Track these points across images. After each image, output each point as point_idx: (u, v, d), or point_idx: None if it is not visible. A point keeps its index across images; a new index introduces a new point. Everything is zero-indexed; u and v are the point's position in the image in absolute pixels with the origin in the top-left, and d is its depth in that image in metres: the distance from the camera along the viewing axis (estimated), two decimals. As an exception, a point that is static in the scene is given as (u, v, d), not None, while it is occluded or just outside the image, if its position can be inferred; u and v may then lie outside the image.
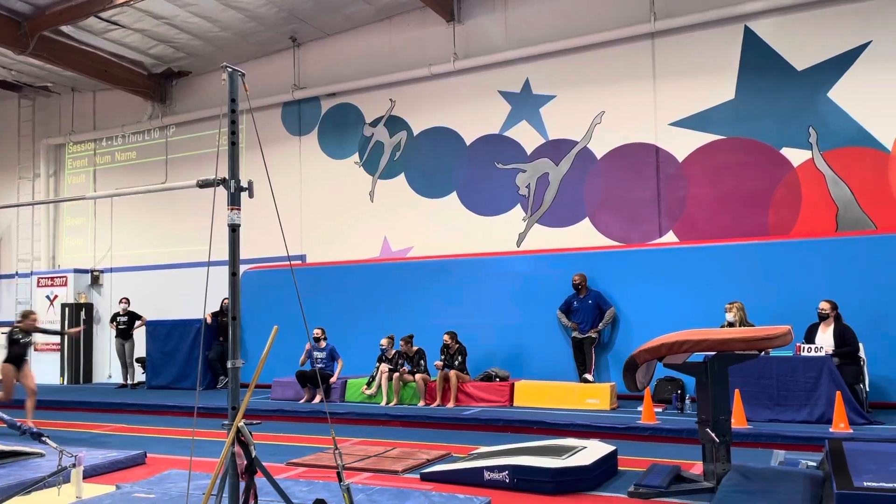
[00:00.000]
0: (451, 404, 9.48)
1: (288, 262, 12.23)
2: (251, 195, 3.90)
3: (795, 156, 9.57)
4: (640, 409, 8.10)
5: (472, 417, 8.57)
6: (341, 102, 13.04)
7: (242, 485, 3.42)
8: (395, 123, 12.56)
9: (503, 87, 11.62)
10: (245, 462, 3.39)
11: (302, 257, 13.07)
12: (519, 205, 11.45)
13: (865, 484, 4.33)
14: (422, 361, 9.99)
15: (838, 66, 9.37)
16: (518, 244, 11.37)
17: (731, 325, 8.43)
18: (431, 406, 9.51)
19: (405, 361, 10.11)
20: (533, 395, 9.33)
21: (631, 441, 7.28)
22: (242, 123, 13.27)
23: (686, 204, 10.27)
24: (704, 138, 10.15)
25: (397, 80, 12.39)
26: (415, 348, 10.09)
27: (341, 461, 3.53)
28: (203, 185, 3.85)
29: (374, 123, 12.74)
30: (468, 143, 11.90)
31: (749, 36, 9.90)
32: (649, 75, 10.51)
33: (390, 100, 12.56)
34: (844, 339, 7.86)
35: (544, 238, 11.14)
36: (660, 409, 8.47)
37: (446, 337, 9.98)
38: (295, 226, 13.21)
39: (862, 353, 7.93)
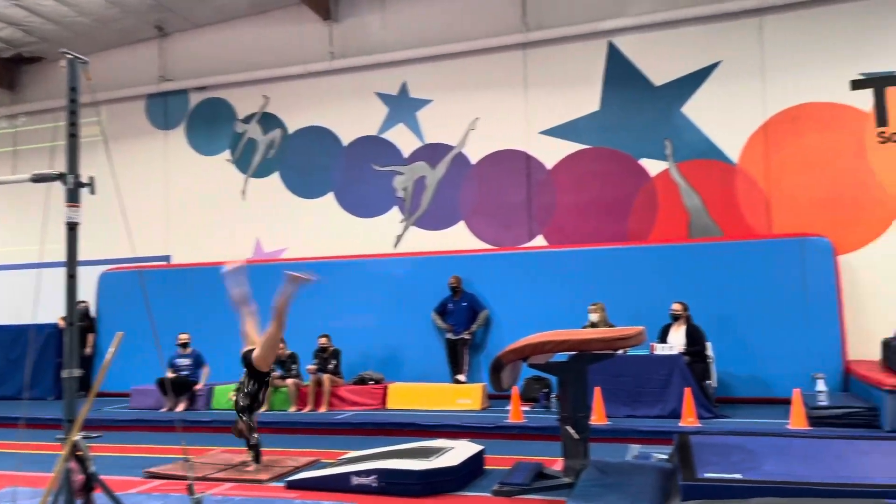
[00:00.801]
0: (323, 409, 9.35)
1: (143, 264, 11.63)
2: (93, 192, 3.65)
3: (653, 166, 10.18)
4: (509, 408, 8.32)
5: (344, 422, 8.50)
6: (212, 97, 12.56)
7: (80, 503, 3.21)
8: (269, 121, 12.24)
9: (381, 88, 11.61)
10: (82, 478, 3.18)
11: (167, 258, 12.46)
12: (396, 207, 11.47)
13: (707, 475, 4.65)
14: (294, 366, 9.79)
15: (691, 83, 10.07)
16: (395, 246, 11.39)
17: (594, 325, 8.83)
18: (303, 411, 9.34)
19: (276, 366, 9.85)
20: (406, 397, 9.37)
21: (499, 440, 7.46)
22: (101, 115, 12.63)
23: (554, 209, 10.67)
24: (572, 147, 10.59)
25: (271, 77, 12.09)
26: (287, 352, 9.87)
27: (192, 473, 3.39)
28: (37, 179, 3.57)
29: (247, 120, 12.36)
30: (345, 143, 11.80)
31: (612, 51, 10.44)
32: (521, 84, 10.84)
33: (264, 96, 12.24)
34: (694, 338, 8.44)
35: (421, 240, 11.22)
36: (528, 408, 8.73)
37: (322, 340, 9.84)
38: (160, 224, 12.58)
39: (710, 352, 8.54)
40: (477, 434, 7.56)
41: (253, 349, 6.39)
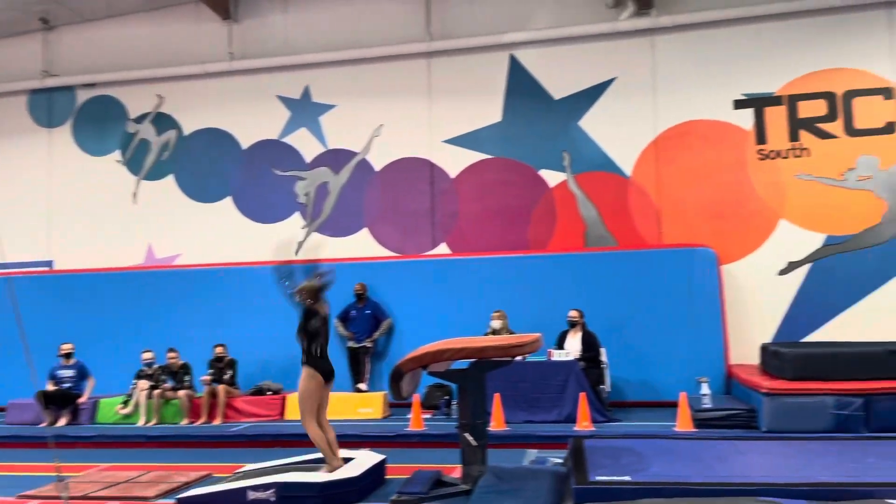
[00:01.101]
0: (217, 421, 9.03)
1: (21, 270, 10.92)
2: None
3: (552, 177, 10.46)
4: (410, 416, 8.31)
5: (240, 434, 8.23)
6: (101, 94, 11.94)
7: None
8: (163, 121, 11.76)
9: (283, 92, 11.39)
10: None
11: (49, 263, 11.73)
12: (298, 213, 11.26)
13: (598, 478, 4.80)
14: (187, 377, 9.41)
15: (588, 98, 10.42)
16: (296, 253, 11.16)
17: (496, 332, 8.96)
18: (196, 424, 8.99)
19: (168, 377, 9.45)
20: (305, 407, 9.17)
21: (401, 448, 7.42)
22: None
23: (457, 218, 10.77)
24: (474, 156, 10.74)
25: (166, 76, 11.63)
26: (180, 362, 9.48)
27: (67, 493, 3.19)
28: None
29: (140, 120, 11.83)
30: (245, 146, 11.49)
31: (514, 64, 10.67)
32: (426, 93, 10.90)
33: (158, 96, 11.75)
34: (589, 344, 8.71)
35: (323, 247, 11.05)
36: (429, 416, 8.75)
37: (218, 349, 9.51)
38: (41, 228, 11.83)
39: (604, 358, 8.84)
40: (378, 443, 7.49)
41: None
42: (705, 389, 7.74)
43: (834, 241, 9.59)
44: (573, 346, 8.76)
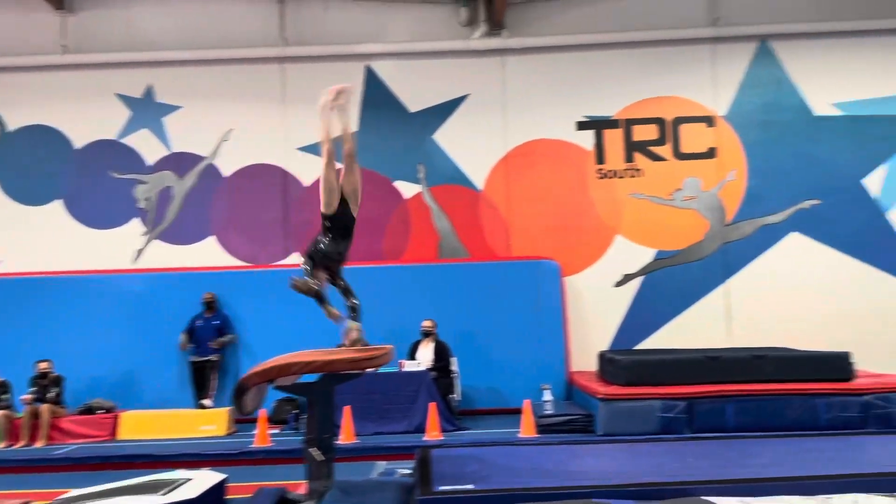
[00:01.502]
0: (40, 443, 8.26)
1: None
2: None
3: (407, 189, 10.56)
4: (256, 432, 8.03)
5: (66, 457, 7.58)
6: None
7: None
8: (-18, 115, 10.67)
9: (122, 90, 10.68)
10: None
11: None
12: (137, 218, 10.59)
13: (442, 488, 4.86)
14: (4, 395, 8.56)
15: (442, 112, 10.62)
16: (135, 261, 10.49)
17: (353, 343, 8.85)
18: (16, 447, 8.18)
19: (-17, 396, 8.54)
20: (141, 426, 8.63)
21: (245, 466, 7.15)
22: None
23: (311, 227, 10.54)
24: (329, 165, 10.61)
25: (-12, 66, 10.58)
26: (-3, 380, 8.61)
27: None
28: None
29: (-46, 112, 10.66)
30: (78, 146, 10.67)
31: (370, 75, 10.67)
32: (279, 99, 10.64)
33: (-23, 87, 10.66)
34: (441, 354, 8.85)
35: (165, 255, 10.47)
36: (277, 430, 8.50)
37: (42, 365, 8.73)
38: None
39: (455, 367, 9.00)
40: (220, 462, 7.16)
41: None
42: (548, 396, 8.08)
43: (663, 255, 10.37)
44: (425, 357, 8.86)
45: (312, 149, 10.61)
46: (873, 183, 10.27)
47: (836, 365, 7.74)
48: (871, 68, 10.37)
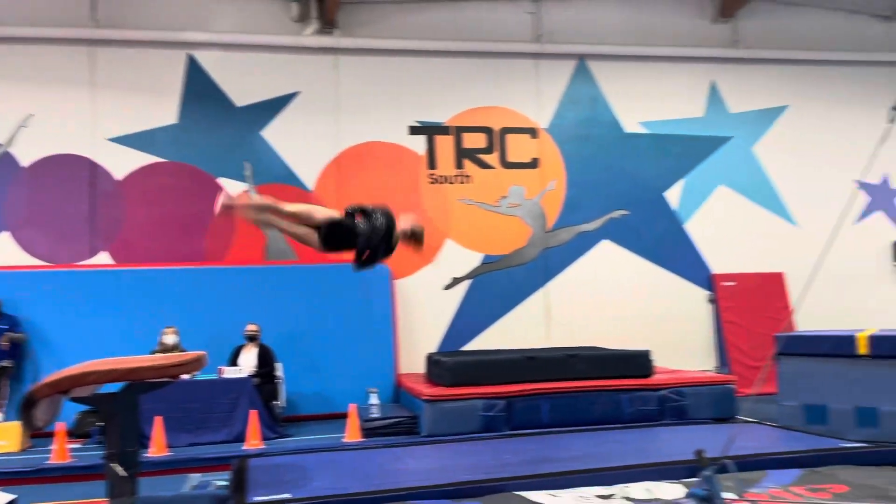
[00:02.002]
0: None
1: None
2: None
3: (232, 187, 10.10)
4: (54, 447, 7.30)
5: None
6: None
7: None
8: None
9: None
10: None
11: None
12: (-89, 210, 9.30)
13: (257, 499, 4.69)
14: None
15: (272, 108, 10.30)
16: None
17: (167, 349, 8.32)
18: None
19: None
20: (-90, 446, 7.55)
21: (40, 485, 6.47)
22: None
23: (123, 224, 9.83)
24: (146, 159, 9.92)
25: None
26: None
27: None
28: None
29: None
30: None
31: (193, 64, 10.12)
32: (88, 84, 9.79)
33: None
34: (265, 359, 8.55)
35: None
36: (80, 445, 7.78)
37: None
38: None
39: (279, 372, 8.74)
40: (12, 481, 6.44)
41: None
42: (374, 399, 8.08)
43: (490, 259, 10.74)
44: (248, 362, 8.52)
45: (125, 140, 9.91)
46: (673, 196, 11.29)
47: (638, 362, 8.40)
48: (673, 92, 11.41)
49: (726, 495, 3.13)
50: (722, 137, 11.48)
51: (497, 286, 10.70)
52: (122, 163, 9.83)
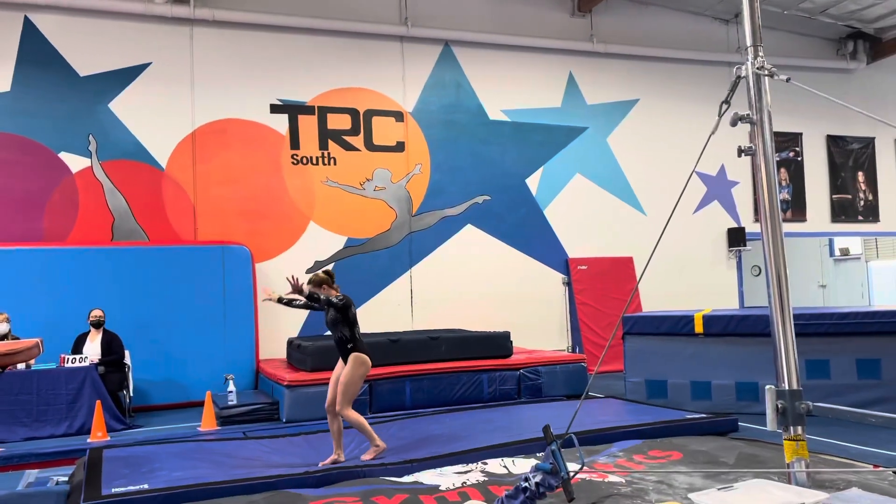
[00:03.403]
0: None
1: None
2: None
3: (74, 162, 9.36)
4: None
5: None
6: None
7: None
8: None
9: None
10: None
11: None
12: None
13: (114, 490, 4.45)
14: None
15: (120, 79, 9.60)
16: None
17: (2, 337, 7.60)
18: None
19: None
20: None
21: None
22: None
23: (-57, 203, 8.85)
24: (-28, 128, 8.98)
25: None
26: None
27: None
28: None
29: None
30: None
31: (29, 27, 9.24)
32: None
33: None
34: (111, 347, 8.02)
35: None
36: None
37: None
38: None
39: (128, 360, 8.24)
40: None
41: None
42: (231, 386, 7.81)
43: (353, 242, 10.65)
44: (93, 350, 7.96)
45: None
46: (533, 183, 11.70)
47: (498, 343, 8.68)
48: (534, 82, 11.80)
49: (571, 466, 3.31)
50: (579, 127, 12.02)
51: (361, 270, 10.63)
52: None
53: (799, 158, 13.60)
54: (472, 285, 11.05)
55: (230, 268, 9.62)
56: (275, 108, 10.36)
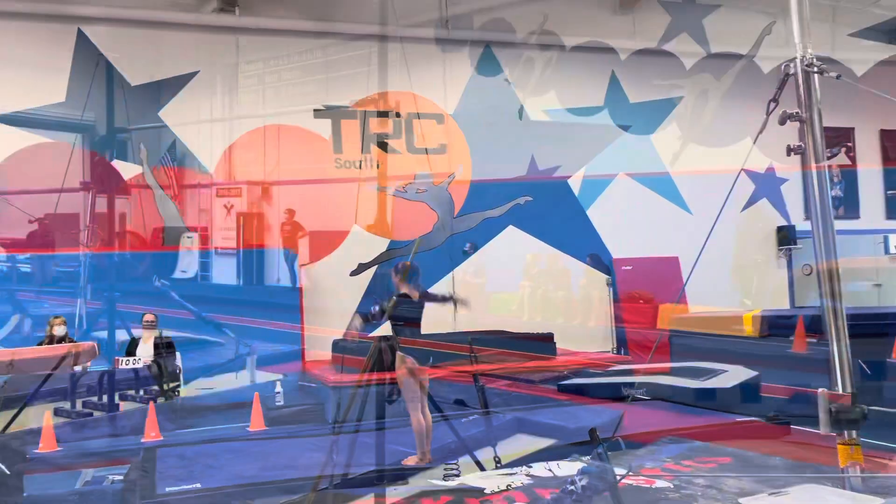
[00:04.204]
0: None
1: None
2: None
3: (127, 169, 9.66)
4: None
5: None
6: None
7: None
8: None
9: None
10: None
11: None
12: None
13: (168, 489, 4.57)
14: None
15: (170, 88, 9.94)
16: None
17: (58, 339, 7.85)
18: None
19: None
20: None
21: None
22: None
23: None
24: (31, 139, 9.30)
25: None
26: None
27: None
28: None
29: None
30: None
31: (83, 39, 9.52)
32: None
33: None
34: (163, 349, 8.21)
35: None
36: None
37: None
38: None
39: (179, 362, 8.42)
40: None
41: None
42: (279, 388, 7.93)
43: (396, 245, 10.71)
44: (146, 352, 8.16)
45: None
46: (575, 183, 11.60)
47: (542, 345, 8.64)
48: (576, 80, 11.69)
49: (618, 470, 3.28)
50: (622, 126, 11.87)
51: (407, 271, 10.66)
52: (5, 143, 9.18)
53: (851, 154, 13.19)
54: (514, 287, 11.01)
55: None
56: (318, 113, 10.50)
